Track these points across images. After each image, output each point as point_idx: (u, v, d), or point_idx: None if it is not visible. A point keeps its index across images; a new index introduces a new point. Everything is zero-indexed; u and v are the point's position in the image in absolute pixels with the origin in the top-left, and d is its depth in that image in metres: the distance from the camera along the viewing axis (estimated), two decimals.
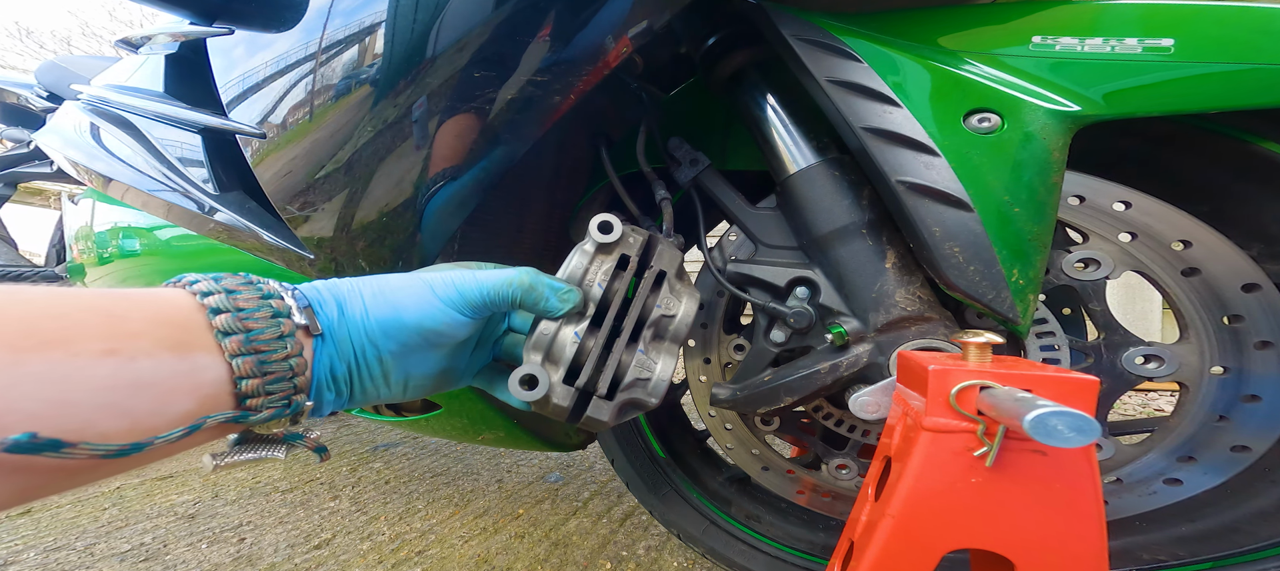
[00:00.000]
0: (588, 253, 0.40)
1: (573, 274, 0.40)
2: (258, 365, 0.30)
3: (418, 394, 0.41)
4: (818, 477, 0.80)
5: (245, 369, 0.30)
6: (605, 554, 0.98)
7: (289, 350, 0.32)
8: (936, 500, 0.39)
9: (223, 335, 0.30)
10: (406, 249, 0.53)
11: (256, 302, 0.32)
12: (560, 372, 0.38)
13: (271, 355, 0.31)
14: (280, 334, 0.31)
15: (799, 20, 0.45)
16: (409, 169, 0.50)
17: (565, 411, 0.38)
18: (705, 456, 0.89)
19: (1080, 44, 0.41)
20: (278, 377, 0.31)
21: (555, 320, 0.39)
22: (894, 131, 0.43)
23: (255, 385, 0.30)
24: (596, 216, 0.41)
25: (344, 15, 0.49)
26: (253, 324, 0.31)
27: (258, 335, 0.31)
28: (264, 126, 0.55)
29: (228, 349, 0.29)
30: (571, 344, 0.38)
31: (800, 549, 0.75)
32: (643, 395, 0.39)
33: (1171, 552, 0.55)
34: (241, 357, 0.30)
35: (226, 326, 0.30)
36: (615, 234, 0.40)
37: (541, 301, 0.39)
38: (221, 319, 0.30)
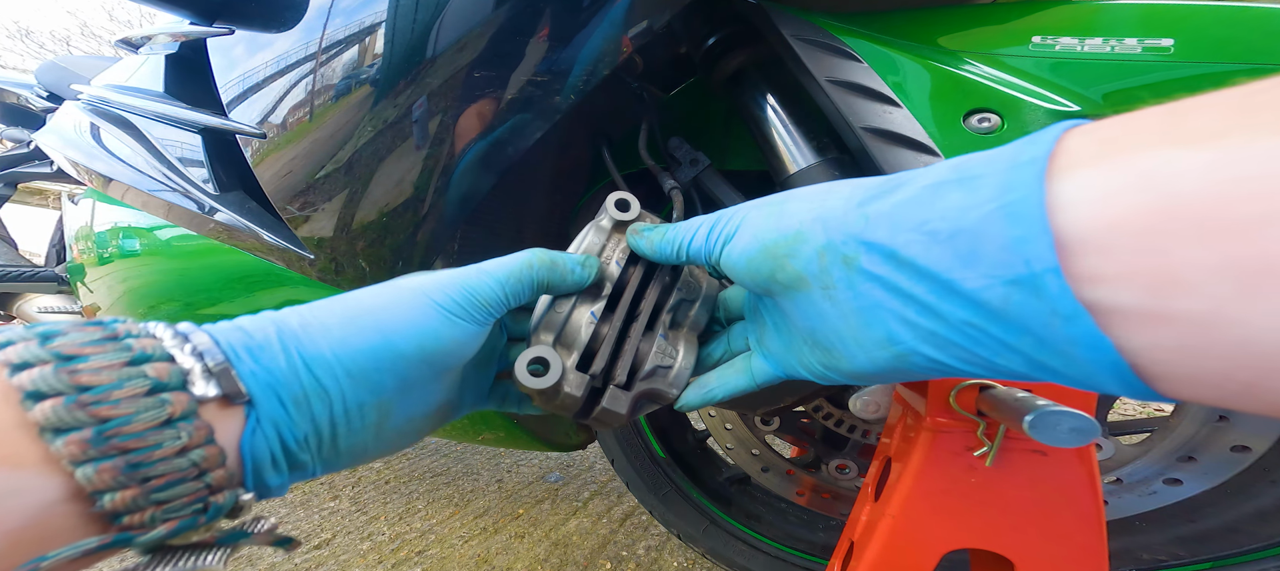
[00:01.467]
0: (604, 229, 0.37)
1: (589, 250, 0.36)
2: (128, 471, 0.19)
3: (412, 439, 0.31)
4: (818, 477, 0.80)
5: (103, 481, 0.19)
6: (605, 554, 0.98)
7: (187, 439, 0.21)
8: (936, 500, 0.39)
9: (53, 434, 0.19)
10: (406, 249, 0.53)
11: (118, 371, 0.20)
12: (573, 357, 0.33)
13: (151, 451, 0.20)
14: (166, 418, 0.21)
15: (799, 20, 0.45)
16: (409, 169, 0.50)
17: (577, 402, 0.33)
18: (705, 456, 0.89)
19: (1080, 44, 0.41)
20: (172, 481, 0.20)
21: (568, 299, 0.35)
22: (894, 131, 0.43)
23: (129, 498, 0.19)
24: (614, 192, 0.38)
25: (344, 15, 0.49)
26: (110, 410, 0.20)
27: (121, 426, 0.19)
28: (264, 126, 0.55)
29: (63, 455, 0.18)
30: (587, 325, 0.34)
31: (800, 549, 0.75)
32: (663, 385, 0.35)
33: (1171, 552, 0.55)
34: (90, 466, 0.19)
35: (57, 420, 0.19)
36: (633, 212, 0.37)
37: (567, 275, 0.34)
38: (46, 409, 0.19)
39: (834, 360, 0.27)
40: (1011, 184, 0.19)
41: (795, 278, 0.26)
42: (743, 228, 0.29)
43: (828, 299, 0.25)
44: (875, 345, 0.24)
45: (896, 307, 0.23)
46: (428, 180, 0.49)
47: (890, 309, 0.23)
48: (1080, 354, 0.18)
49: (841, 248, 0.24)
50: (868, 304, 0.24)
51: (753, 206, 0.30)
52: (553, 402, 0.34)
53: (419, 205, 0.51)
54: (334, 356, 0.26)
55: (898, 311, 0.23)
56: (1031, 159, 0.19)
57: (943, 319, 0.22)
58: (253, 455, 0.24)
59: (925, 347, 0.23)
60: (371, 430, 0.28)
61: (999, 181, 0.20)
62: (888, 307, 0.23)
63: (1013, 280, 0.19)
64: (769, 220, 0.28)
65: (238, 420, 0.23)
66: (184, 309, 0.77)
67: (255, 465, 0.24)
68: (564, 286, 0.34)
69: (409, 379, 0.28)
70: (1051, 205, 0.18)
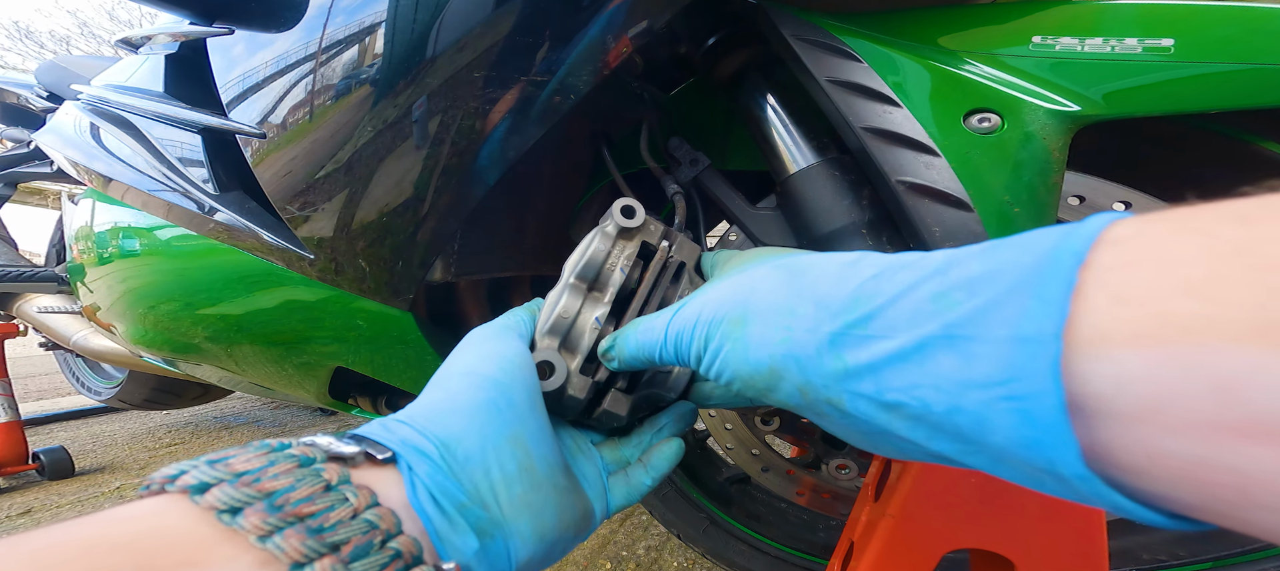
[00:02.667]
0: (610, 236, 0.38)
1: (594, 256, 0.37)
2: (312, 536, 0.19)
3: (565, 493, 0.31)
4: (818, 477, 0.80)
5: (294, 548, 0.19)
6: (605, 554, 0.98)
7: (355, 501, 0.21)
8: (936, 500, 0.39)
9: (231, 515, 0.19)
10: (406, 249, 0.53)
11: (263, 456, 0.22)
12: (577, 360, 0.35)
13: (327, 514, 0.20)
14: (325, 484, 0.21)
15: (799, 20, 0.45)
16: (409, 169, 0.50)
17: (581, 404, 0.35)
18: (705, 456, 0.89)
19: (1080, 44, 0.41)
20: (360, 548, 0.20)
21: (574, 303, 0.36)
22: (894, 131, 0.43)
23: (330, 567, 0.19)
24: (620, 200, 0.38)
25: (344, 15, 0.49)
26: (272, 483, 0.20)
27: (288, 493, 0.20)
28: (264, 126, 0.55)
29: (248, 529, 0.19)
30: (591, 330, 0.35)
31: (800, 549, 0.75)
32: (662, 390, 0.36)
33: (1171, 552, 0.55)
34: (277, 535, 0.19)
35: (230, 500, 0.20)
36: (638, 219, 0.38)
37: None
38: (215, 494, 0.20)
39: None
40: (1018, 368, 0.16)
41: (787, 404, 0.24)
42: (716, 354, 0.26)
43: (825, 422, 0.24)
44: (889, 450, 0.23)
45: (901, 439, 0.21)
46: (428, 180, 0.49)
47: (896, 439, 0.21)
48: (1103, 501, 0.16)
49: (825, 393, 0.22)
50: (869, 432, 0.22)
51: (715, 320, 0.26)
52: (557, 404, 0.35)
53: (419, 205, 0.51)
54: (444, 402, 0.27)
55: (902, 442, 0.21)
56: (1039, 335, 0.16)
57: (952, 459, 0.20)
58: (426, 513, 0.23)
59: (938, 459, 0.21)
60: (527, 473, 0.27)
61: (1000, 360, 0.17)
62: (893, 439, 0.21)
63: (1033, 466, 0.17)
64: (738, 353, 0.25)
65: (395, 481, 0.24)
66: (184, 309, 0.77)
67: (434, 527, 0.23)
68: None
69: (513, 402, 0.29)
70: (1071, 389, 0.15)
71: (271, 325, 0.69)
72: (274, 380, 0.81)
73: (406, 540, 0.21)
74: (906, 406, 0.19)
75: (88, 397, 1.96)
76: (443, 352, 0.62)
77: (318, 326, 0.66)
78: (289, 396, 0.89)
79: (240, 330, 0.73)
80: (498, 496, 0.26)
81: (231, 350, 0.78)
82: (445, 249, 0.55)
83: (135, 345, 0.96)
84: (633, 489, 0.35)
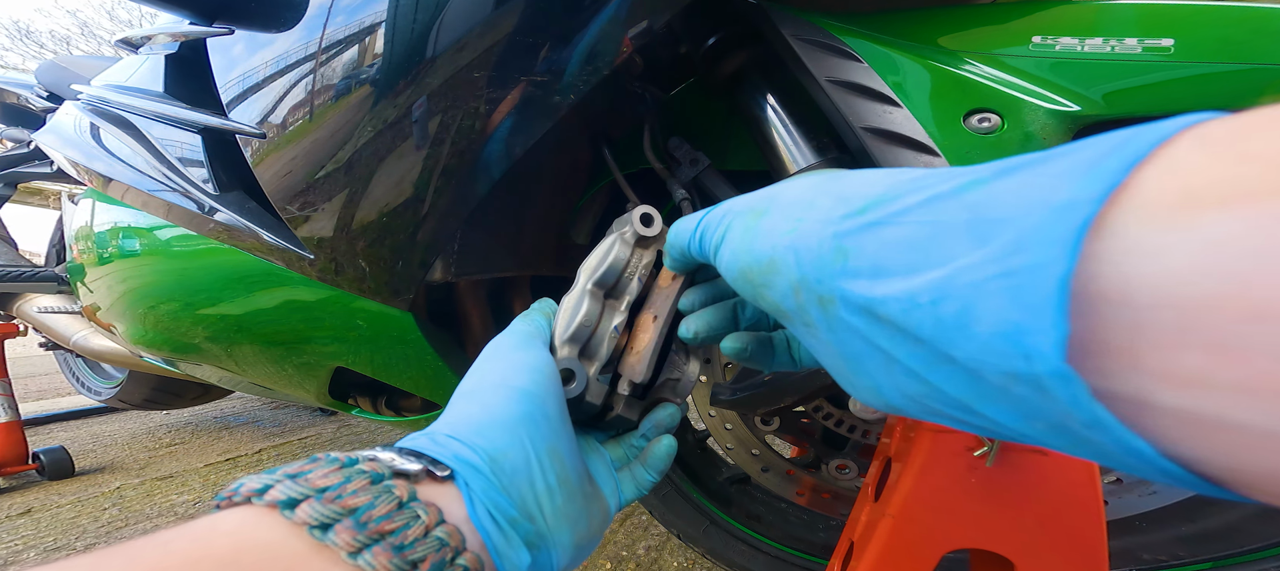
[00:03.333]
0: (628, 243, 0.38)
1: (615, 263, 0.37)
2: (396, 553, 0.20)
3: (595, 503, 0.32)
4: (818, 477, 0.80)
5: (383, 565, 0.20)
6: (605, 554, 0.98)
7: (426, 519, 0.22)
8: (936, 500, 0.39)
9: (322, 531, 0.20)
10: (406, 249, 0.53)
11: (339, 472, 0.22)
12: (595, 367, 0.36)
13: (405, 532, 0.21)
14: (398, 502, 0.22)
15: (799, 20, 0.45)
16: (409, 169, 0.49)
17: (596, 409, 0.36)
18: (705, 456, 0.89)
19: (1080, 44, 0.41)
20: (435, 565, 0.21)
21: (594, 310, 0.37)
22: (894, 131, 0.43)
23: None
24: (638, 208, 0.39)
25: (344, 15, 0.49)
26: (354, 500, 0.21)
27: (370, 510, 0.21)
28: (264, 126, 0.55)
29: (341, 545, 0.20)
30: (610, 338, 0.36)
31: (800, 549, 0.75)
32: (671, 395, 0.38)
33: (1171, 552, 0.55)
34: (367, 552, 0.20)
35: (320, 516, 0.20)
36: (656, 227, 0.38)
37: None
38: (305, 510, 0.20)
39: (842, 383, 0.23)
40: (1029, 237, 0.13)
41: (775, 309, 0.23)
42: (726, 239, 0.26)
43: (811, 335, 0.22)
44: (867, 391, 0.21)
45: (882, 364, 0.19)
46: (428, 180, 0.49)
47: (876, 363, 0.19)
48: (1114, 450, 0.14)
49: (816, 288, 0.20)
50: (852, 352, 0.20)
51: (737, 210, 0.27)
52: (575, 409, 0.36)
53: (419, 205, 0.51)
54: (486, 415, 0.28)
55: (883, 368, 0.19)
56: (1072, 201, 0.13)
57: (933, 389, 0.17)
58: (485, 529, 0.24)
59: (916, 409, 0.19)
60: (564, 484, 0.28)
61: (1014, 235, 0.14)
62: (873, 361, 0.19)
63: (1010, 373, 0.14)
64: (744, 240, 0.24)
65: (455, 498, 0.24)
66: (184, 309, 0.77)
67: (493, 543, 0.24)
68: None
69: (548, 415, 0.29)
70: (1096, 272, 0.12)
71: (271, 325, 0.69)
72: (274, 380, 0.81)
73: (471, 556, 0.22)
74: (891, 302, 0.17)
75: (88, 397, 1.96)
76: (443, 353, 0.62)
77: (318, 326, 0.66)
78: (289, 396, 0.89)
79: (240, 330, 0.73)
80: (542, 508, 0.27)
81: (231, 350, 0.78)
82: (445, 249, 0.55)
83: (135, 345, 0.96)
84: (639, 484, 0.36)
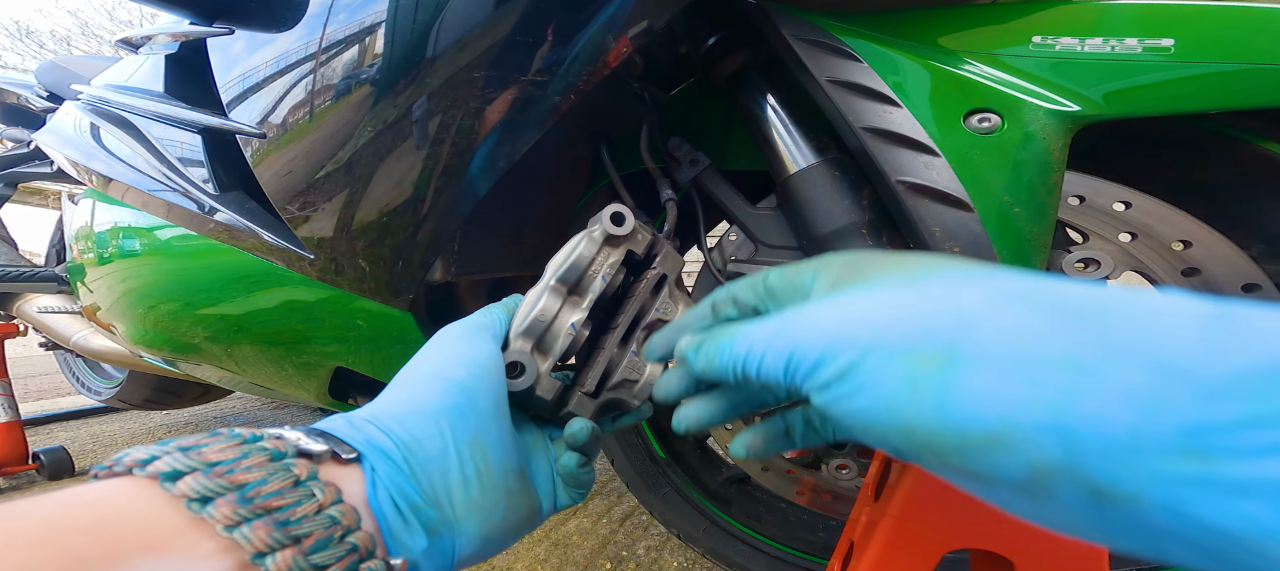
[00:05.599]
0: (596, 241, 0.38)
1: (578, 261, 0.37)
2: (279, 528, 0.20)
3: (519, 502, 0.31)
4: (818, 477, 0.80)
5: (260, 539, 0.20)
6: (605, 554, 0.98)
7: (321, 497, 0.22)
8: (936, 500, 0.39)
9: (200, 504, 0.20)
10: (406, 249, 0.53)
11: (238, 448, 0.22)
12: (548, 363, 0.36)
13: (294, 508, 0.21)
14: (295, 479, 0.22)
15: (799, 20, 0.45)
16: (409, 169, 0.49)
17: (547, 405, 0.36)
18: (705, 456, 0.89)
19: (1080, 44, 0.41)
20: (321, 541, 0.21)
21: (553, 306, 0.36)
22: (894, 131, 0.43)
23: (289, 560, 0.20)
24: (610, 205, 0.39)
25: (344, 15, 0.49)
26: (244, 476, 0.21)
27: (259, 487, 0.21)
28: (264, 126, 0.55)
29: (218, 519, 0.19)
30: (566, 334, 0.36)
31: (800, 549, 0.75)
32: (628, 396, 0.37)
33: None
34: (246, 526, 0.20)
35: (202, 489, 0.20)
36: (627, 227, 0.38)
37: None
38: (188, 483, 0.20)
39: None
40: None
41: (984, 477, 0.18)
42: (861, 383, 0.19)
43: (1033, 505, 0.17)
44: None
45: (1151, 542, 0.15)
46: (428, 180, 0.49)
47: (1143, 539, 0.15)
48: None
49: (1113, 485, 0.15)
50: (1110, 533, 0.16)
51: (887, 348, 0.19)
52: (524, 403, 0.36)
53: (419, 205, 0.51)
54: (411, 403, 0.28)
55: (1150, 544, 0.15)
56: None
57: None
58: (382, 512, 0.24)
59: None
60: (482, 477, 0.28)
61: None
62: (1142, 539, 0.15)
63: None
64: (923, 398, 0.18)
65: (357, 479, 0.25)
66: (184, 309, 0.77)
67: (388, 525, 0.24)
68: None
69: (478, 408, 0.29)
70: None
71: (271, 325, 0.69)
72: (274, 380, 0.80)
73: (363, 535, 0.22)
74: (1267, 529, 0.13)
75: (88, 397, 1.96)
76: None
77: (318, 326, 0.66)
78: (289, 396, 0.89)
79: (240, 330, 0.73)
80: (453, 498, 0.27)
81: (231, 350, 0.78)
82: (445, 249, 0.55)
83: (135, 345, 0.96)
84: (571, 495, 0.36)
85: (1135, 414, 0.15)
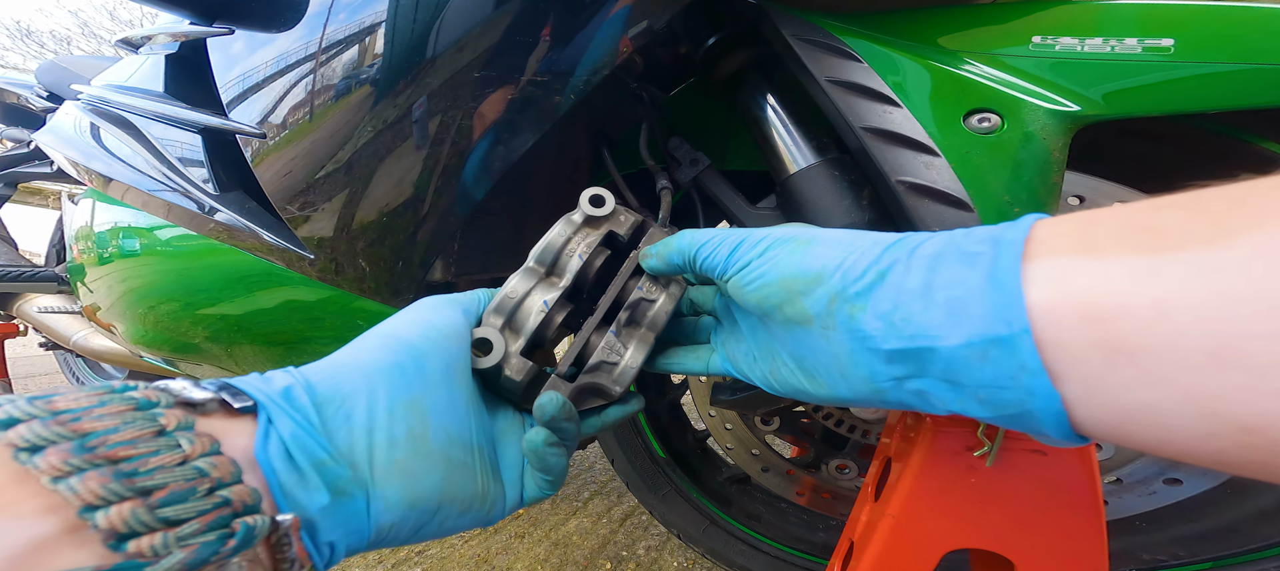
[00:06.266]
0: (574, 223, 0.37)
1: (553, 241, 0.36)
2: (118, 479, 0.18)
3: (460, 474, 0.31)
4: (818, 477, 0.80)
5: (90, 492, 0.17)
6: (605, 554, 0.98)
7: (187, 448, 0.20)
8: (936, 500, 0.39)
9: (29, 454, 0.17)
10: (406, 249, 0.53)
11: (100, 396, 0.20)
12: (520, 342, 0.34)
13: (145, 460, 0.19)
14: (159, 429, 0.20)
15: (799, 20, 0.45)
16: (409, 169, 0.50)
17: (518, 386, 0.34)
18: (705, 456, 0.89)
19: (1080, 44, 0.41)
20: (177, 493, 0.19)
21: (525, 285, 0.35)
22: (894, 131, 0.43)
23: (128, 513, 0.17)
24: (589, 188, 0.38)
25: (344, 15, 0.49)
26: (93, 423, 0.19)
27: (106, 436, 0.19)
28: (264, 126, 0.55)
29: (43, 470, 0.17)
30: (537, 312, 0.35)
31: (800, 549, 0.75)
32: (606, 381, 0.35)
33: (1171, 552, 0.55)
34: (74, 477, 0.17)
35: (34, 438, 0.18)
36: (606, 208, 0.37)
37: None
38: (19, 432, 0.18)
39: (814, 384, 0.30)
40: (999, 264, 0.23)
41: (801, 313, 0.28)
42: (768, 259, 0.30)
43: (824, 337, 0.28)
44: (859, 380, 0.27)
45: (867, 358, 0.26)
46: (428, 180, 0.49)
47: (878, 356, 0.26)
48: (1036, 406, 0.22)
49: (853, 300, 0.27)
50: (861, 349, 0.27)
51: (781, 240, 0.31)
52: (495, 384, 0.34)
53: (419, 205, 0.51)
54: (348, 359, 0.28)
55: (884, 359, 0.26)
56: (1012, 241, 0.23)
57: (924, 369, 0.25)
58: (271, 465, 0.22)
59: (904, 391, 0.26)
60: (415, 440, 0.27)
61: (990, 260, 0.23)
62: (877, 354, 0.26)
63: (992, 339, 0.22)
64: (795, 257, 0.29)
65: (249, 432, 0.23)
66: (184, 309, 0.77)
67: (280, 481, 0.22)
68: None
69: (423, 369, 0.29)
70: (1026, 282, 0.22)
71: (271, 325, 0.69)
72: None
73: (242, 489, 0.21)
74: (909, 322, 0.25)
75: None
76: None
77: (318, 326, 0.66)
78: None
79: (240, 330, 0.73)
80: (373, 458, 0.26)
81: (231, 350, 0.78)
82: (445, 249, 0.55)
83: (135, 345, 0.96)
84: (539, 485, 0.34)
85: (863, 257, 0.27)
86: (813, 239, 0.30)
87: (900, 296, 0.25)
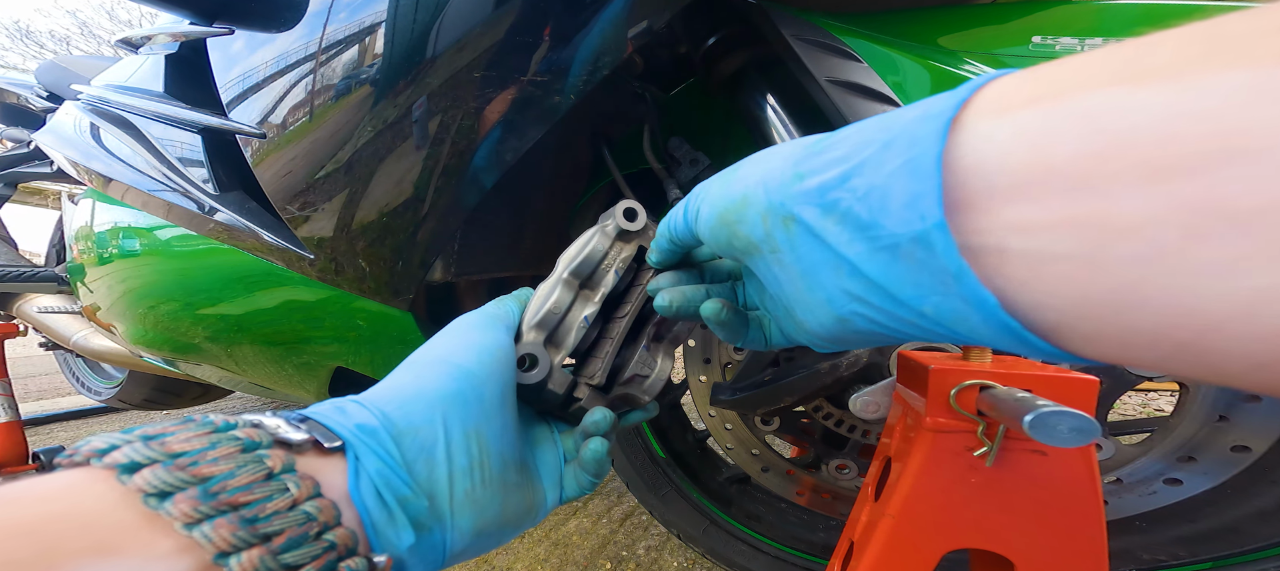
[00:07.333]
0: (609, 236, 0.38)
1: (592, 255, 0.37)
2: (244, 526, 0.19)
3: (517, 495, 0.31)
4: (818, 477, 0.80)
5: (222, 538, 0.18)
6: (605, 554, 0.98)
7: (296, 491, 0.21)
8: (936, 500, 0.39)
9: (159, 499, 0.18)
10: (406, 249, 0.53)
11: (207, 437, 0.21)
12: (561, 356, 0.36)
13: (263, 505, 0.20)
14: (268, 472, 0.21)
15: (799, 20, 0.45)
16: (409, 169, 0.50)
17: (558, 398, 0.36)
18: (705, 456, 0.89)
19: (1080, 44, 0.41)
20: (294, 539, 0.20)
21: (566, 299, 0.37)
22: None
23: (256, 560, 0.19)
24: (623, 202, 0.38)
25: (344, 15, 0.49)
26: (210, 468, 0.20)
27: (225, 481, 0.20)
28: (264, 126, 0.55)
29: (176, 516, 0.18)
30: (578, 329, 0.36)
31: (800, 549, 0.75)
32: (638, 392, 0.37)
33: (1171, 552, 0.55)
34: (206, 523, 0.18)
35: (160, 483, 0.18)
36: (640, 222, 0.38)
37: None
38: (145, 476, 0.19)
39: (797, 324, 0.27)
40: (917, 136, 0.18)
41: (747, 243, 0.26)
42: (705, 196, 0.29)
43: (777, 262, 0.25)
44: (821, 307, 0.24)
45: (832, 269, 0.22)
46: (428, 180, 0.49)
47: (827, 270, 0.22)
48: (973, 316, 0.18)
49: (780, 210, 0.23)
50: (809, 266, 0.23)
51: (715, 176, 0.29)
52: (535, 397, 0.36)
53: (419, 205, 0.51)
54: (414, 388, 0.27)
55: (833, 273, 0.22)
56: (940, 110, 0.18)
57: (869, 283, 0.21)
58: (365, 505, 0.23)
59: (859, 309, 0.22)
60: (478, 470, 0.27)
61: (909, 135, 0.19)
62: (826, 268, 0.22)
63: (912, 237, 0.18)
64: (721, 187, 0.27)
65: (340, 470, 0.23)
66: (184, 309, 0.77)
67: (372, 519, 0.23)
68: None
69: (482, 397, 0.29)
70: (958, 154, 0.18)
71: (271, 325, 0.69)
72: (274, 380, 0.81)
73: (343, 532, 0.21)
74: (838, 204, 0.21)
75: (88, 397, 1.96)
76: None
77: (318, 326, 0.66)
78: (289, 396, 0.89)
79: (240, 330, 0.73)
80: (449, 489, 0.26)
81: (231, 350, 0.78)
82: (445, 249, 0.55)
83: (135, 345, 0.96)
84: (580, 484, 0.35)
85: (781, 164, 0.24)
86: (739, 164, 0.28)
87: (825, 193, 0.21)
